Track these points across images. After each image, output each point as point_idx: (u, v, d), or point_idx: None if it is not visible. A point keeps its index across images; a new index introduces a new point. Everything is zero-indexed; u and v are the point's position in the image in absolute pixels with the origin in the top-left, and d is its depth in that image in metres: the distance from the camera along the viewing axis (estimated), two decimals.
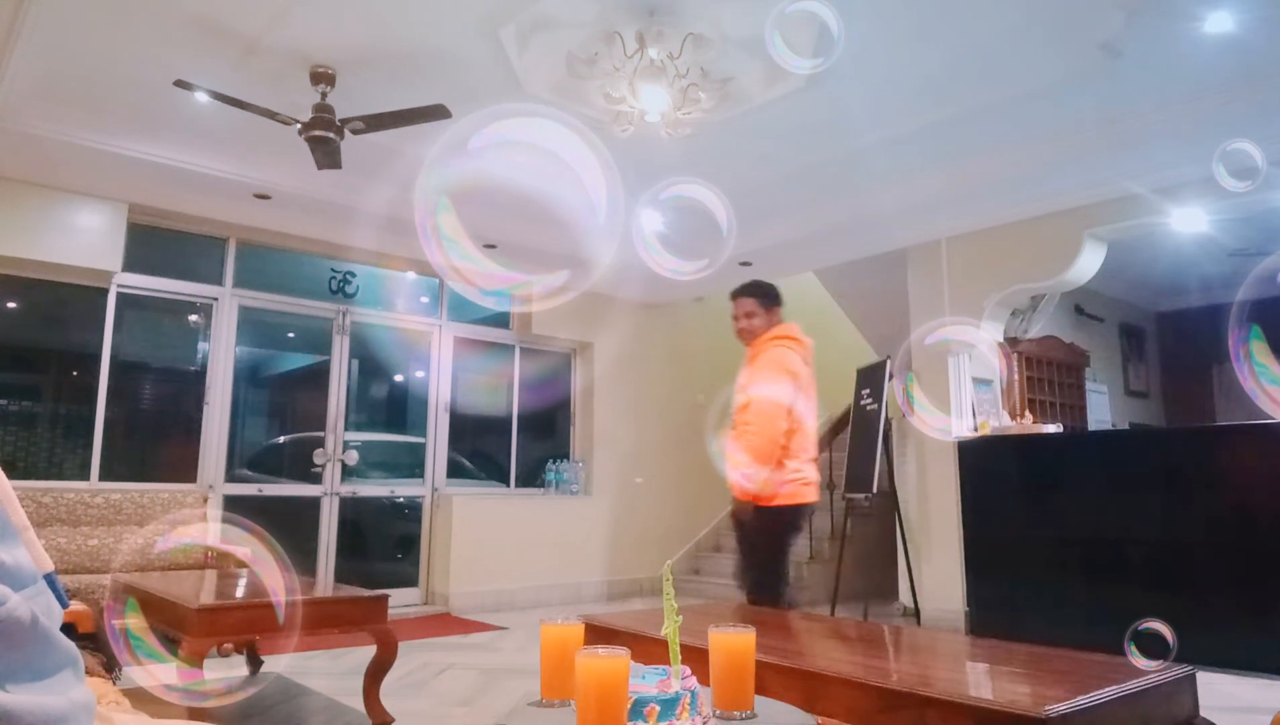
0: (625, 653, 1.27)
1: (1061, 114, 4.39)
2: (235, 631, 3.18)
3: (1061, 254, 5.44)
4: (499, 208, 5.62)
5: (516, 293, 1.81)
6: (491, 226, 5.92)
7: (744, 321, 3.47)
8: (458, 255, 1.58)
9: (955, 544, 5.59)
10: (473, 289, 1.72)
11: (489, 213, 5.69)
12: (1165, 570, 4.48)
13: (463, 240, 1.60)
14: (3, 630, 0.50)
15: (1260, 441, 4.49)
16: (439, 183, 1.61)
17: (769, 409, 3.29)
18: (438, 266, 1.71)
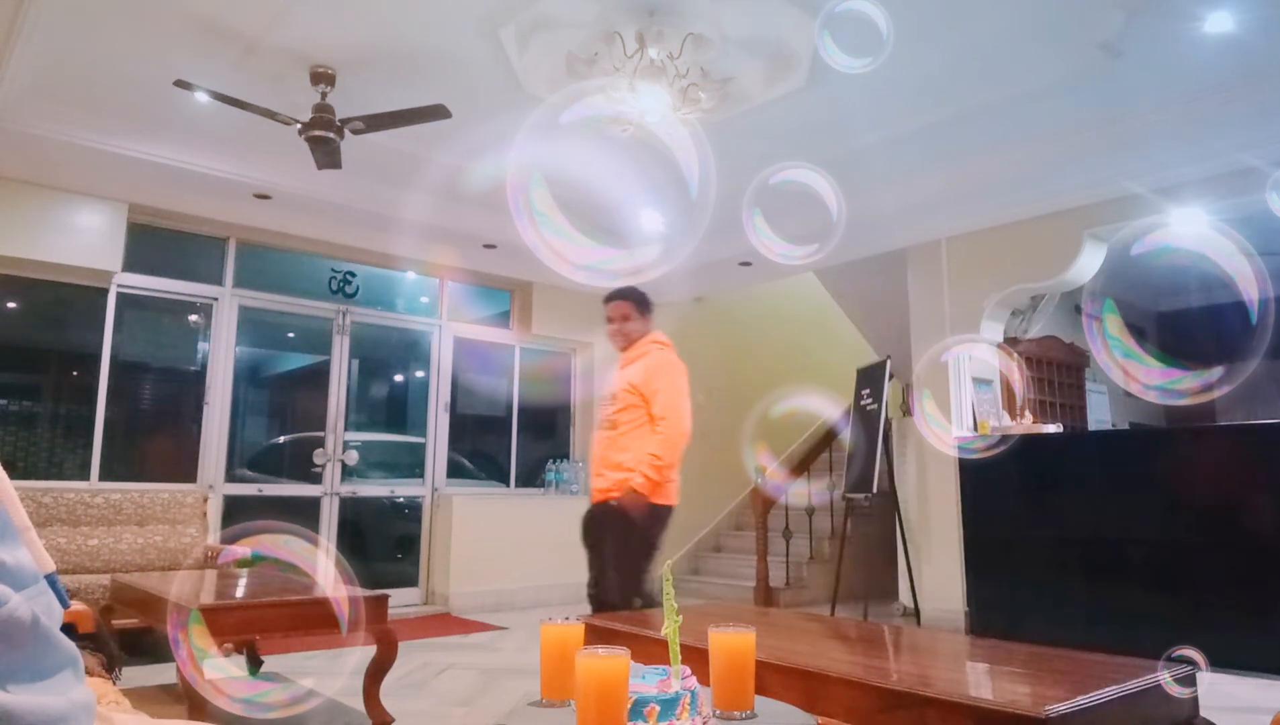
0: (625, 653, 1.27)
1: (1061, 114, 4.39)
2: (235, 631, 3.18)
3: (1061, 254, 5.44)
4: (498, 208, 5.61)
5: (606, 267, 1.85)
6: (491, 226, 5.93)
7: (620, 325, 3.48)
8: (549, 230, 1.60)
9: (955, 544, 5.59)
10: (565, 264, 1.75)
11: (489, 213, 5.69)
12: (1165, 570, 4.48)
13: (555, 215, 1.62)
14: (4, 630, 0.50)
15: (1260, 441, 4.49)
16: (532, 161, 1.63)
17: (682, 407, 3.34)
18: (529, 242, 1.73)
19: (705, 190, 1.54)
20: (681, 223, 1.52)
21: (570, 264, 1.74)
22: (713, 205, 1.56)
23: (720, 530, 8.13)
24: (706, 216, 1.43)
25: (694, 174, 1.55)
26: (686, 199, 1.46)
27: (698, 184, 1.56)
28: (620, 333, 3.48)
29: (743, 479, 7.64)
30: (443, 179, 5.20)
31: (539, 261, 6.69)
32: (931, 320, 6.03)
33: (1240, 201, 4.83)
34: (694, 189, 1.55)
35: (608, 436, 3.41)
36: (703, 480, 8.00)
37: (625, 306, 3.45)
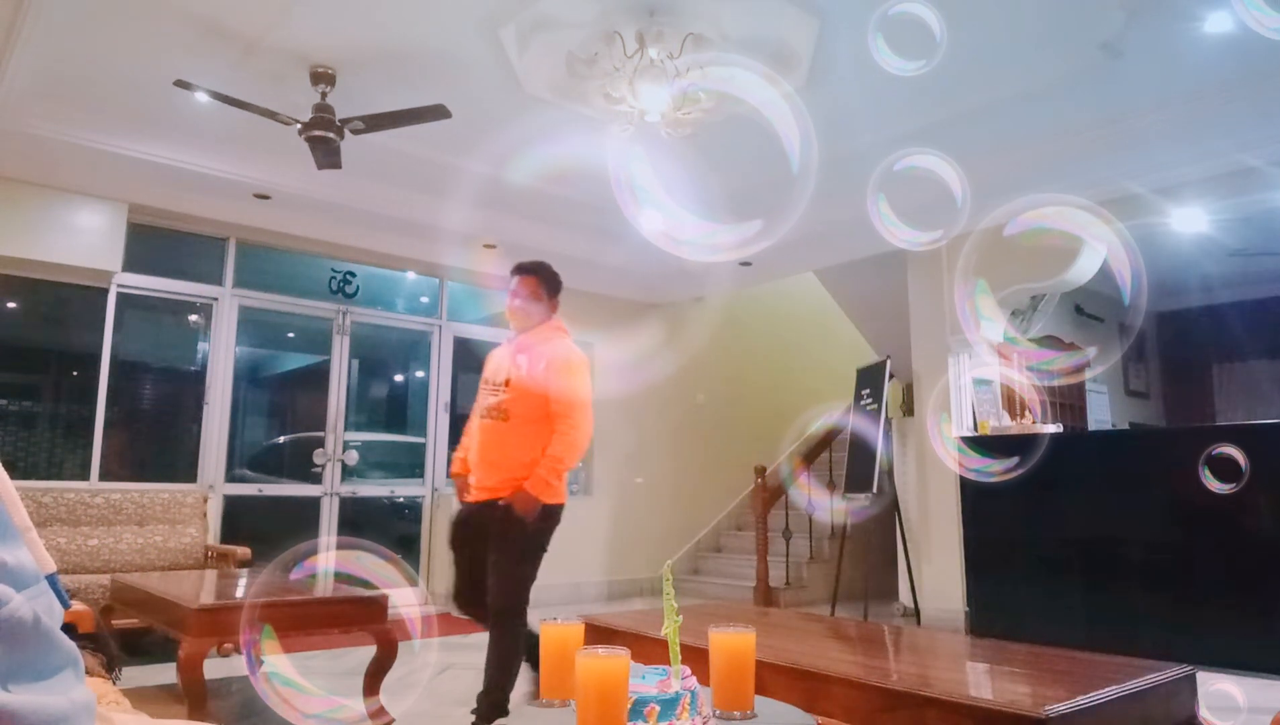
0: (625, 653, 1.27)
1: (1061, 114, 4.39)
2: (235, 631, 3.18)
3: (1061, 254, 5.44)
4: (498, 208, 5.62)
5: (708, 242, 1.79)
6: (491, 226, 5.93)
7: (525, 302, 3.11)
8: (650, 204, 1.60)
9: (955, 544, 5.59)
10: (667, 239, 1.71)
11: (489, 213, 5.70)
12: (1165, 570, 4.48)
13: (657, 191, 1.62)
14: (5, 631, 0.50)
15: (1260, 441, 4.49)
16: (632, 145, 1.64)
17: (587, 406, 3.06)
18: (631, 217, 1.70)
19: (807, 162, 1.55)
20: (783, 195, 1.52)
21: (672, 239, 1.70)
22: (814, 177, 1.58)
23: (720, 530, 8.13)
24: (808, 189, 1.44)
25: (794, 146, 1.55)
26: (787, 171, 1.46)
27: (799, 156, 1.56)
28: (523, 311, 3.11)
29: (743, 479, 7.64)
30: (442, 179, 5.20)
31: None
32: (931, 320, 6.03)
33: (1240, 201, 4.83)
34: (795, 161, 1.55)
35: (495, 427, 3.00)
36: (703, 480, 8.01)
37: (535, 284, 3.13)
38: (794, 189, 1.56)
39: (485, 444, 3.04)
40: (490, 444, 3.03)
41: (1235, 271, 7.55)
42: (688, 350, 7.93)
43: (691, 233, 1.69)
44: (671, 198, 1.67)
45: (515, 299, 3.13)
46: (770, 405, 8.46)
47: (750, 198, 4.96)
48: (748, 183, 5.04)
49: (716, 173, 4.92)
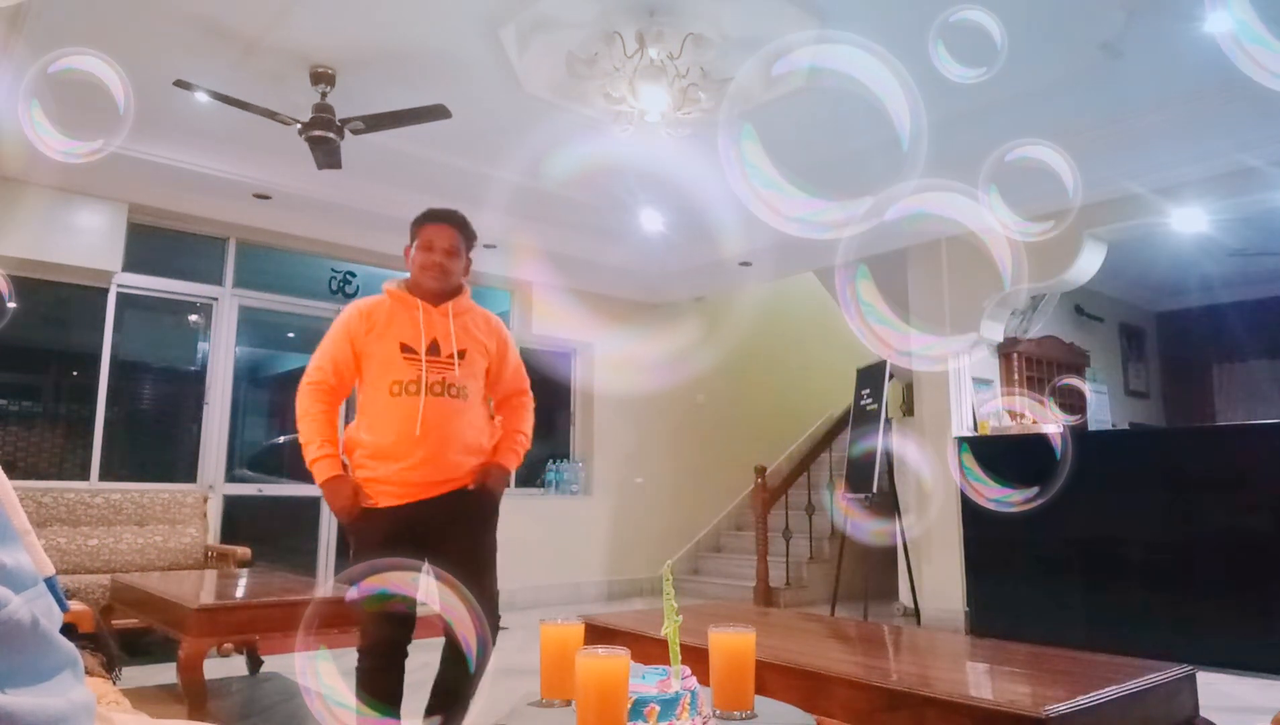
0: (625, 653, 1.27)
1: (1061, 114, 4.39)
2: (235, 631, 3.19)
3: (1061, 254, 5.44)
4: (498, 208, 5.62)
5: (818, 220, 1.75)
6: (491, 226, 5.93)
7: (446, 259, 2.62)
8: (760, 181, 1.59)
9: (955, 544, 5.59)
10: (776, 216, 1.69)
11: (490, 213, 5.70)
12: (1165, 570, 4.48)
13: (766, 167, 1.61)
14: (4, 632, 0.50)
15: (1260, 441, 4.49)
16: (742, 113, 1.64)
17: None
18: (740, 194, 1.68)
19: (916, 143, 1.56)
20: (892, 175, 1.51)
21: (782, 216, 1.67)
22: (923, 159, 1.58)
23: (720, 530, 8.13)
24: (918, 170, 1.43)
25: (905, 127, 1.56)
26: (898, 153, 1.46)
27: (909, 137, 1.57)
28: (444, 269, 2.61)
29: (743, 479, 7.63)
30: (442, 179, 5.20)
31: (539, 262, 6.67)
32: (931, 320, 6.03)
33: (1240, 201, 4.83)
34: (905, 142, 1.56)
35: (452, 406, 2.52)
36: (703, 480, 8.01)
37: (458, 238, 2.65)
38: (902, 168, 1.55)
39: (443, 426, 2.50)
40: (449, 425, 2.51)
41: (1235, 271, 7.55)
42: (688, 350, 7.93)
43: (801, 210, 1.68)
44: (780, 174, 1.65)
45: (429, 253, 2.60)
46: (770, 405, 8.46)
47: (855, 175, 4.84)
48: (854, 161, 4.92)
49: (820, 150, 4.84)
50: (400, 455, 2.46)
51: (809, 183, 1.65)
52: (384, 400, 2.51)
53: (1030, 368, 6.79)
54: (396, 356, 2.53)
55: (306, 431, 2.51)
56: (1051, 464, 3.64)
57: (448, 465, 2.51)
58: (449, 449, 2.52)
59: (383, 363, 2.54)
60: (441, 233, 2.64)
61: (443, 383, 2.55)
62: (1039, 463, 5.22)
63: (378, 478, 2.48)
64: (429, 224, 2.67)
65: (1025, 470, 5.22)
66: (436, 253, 2.61)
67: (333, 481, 2.46)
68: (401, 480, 2.47)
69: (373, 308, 2.61)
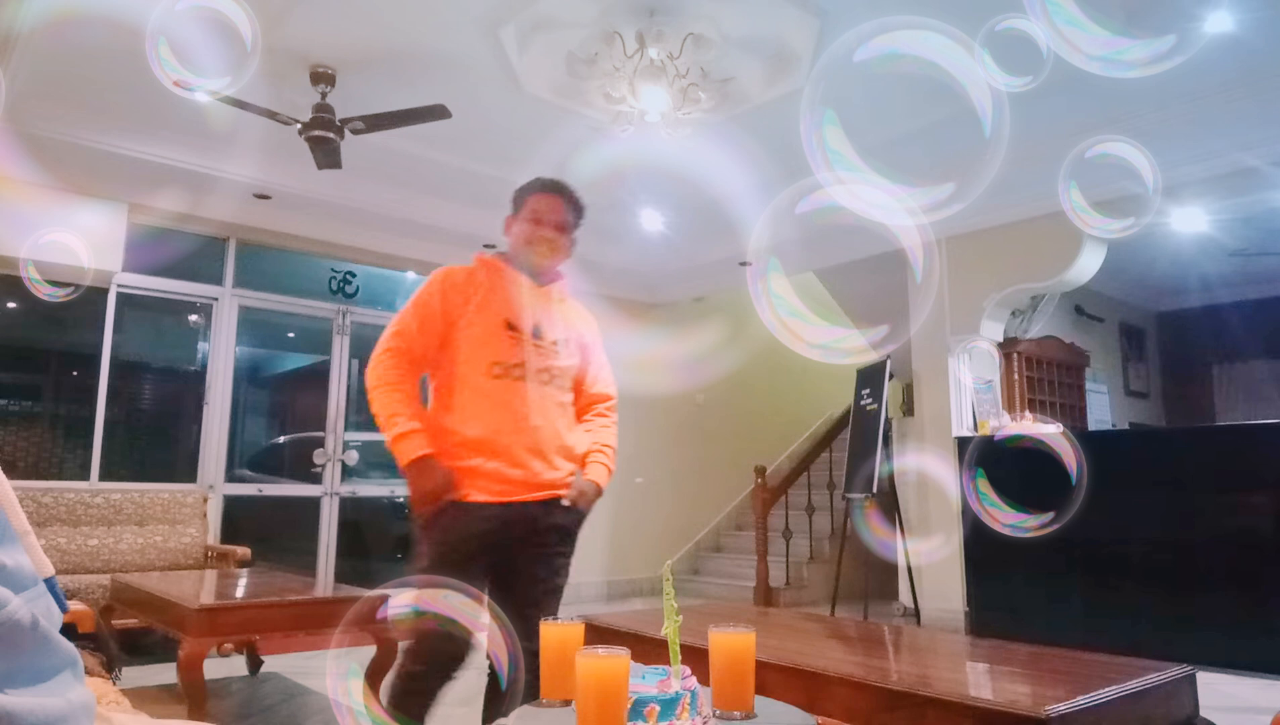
0: (625, 653, 1.27)
1: (1061, 114, 4.39)
2: (235, 631, 3.19)
3: (1061, 254, 5.44)
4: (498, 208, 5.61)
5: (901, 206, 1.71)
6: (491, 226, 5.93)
7: (559, 237, 2.32)
8: (842, 167, 1.59)
9: (955, 544, 5.59)
10: (859, 202, 1.67)
11: (490, 213, 5.70)
12: (1165, 570, 4.48)
13: (848, 153, 1.60)
14: (4, 633, 0.50)
15: (1260, 441, 4.49)
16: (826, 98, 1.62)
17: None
18: (823, 180, 1.66)
19: (999, 128, 1.54)
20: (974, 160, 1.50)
21: (864, 202, 1.64)
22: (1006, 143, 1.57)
23: (720, 530, 8.13)
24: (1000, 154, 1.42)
25: (987, 112, 1.55)
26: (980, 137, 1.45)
27: (991, 122, 1.56)
28: (554, 245, 2.31)
29: (743, 479, 7.63)
30: (442, 179, 5.20)
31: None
32: (932, 320, 6.03)
33: (1240, 201, 4.83)
34: (988, 127, 1.54)
35: (555, 399, 2.26)
36: (703, 480, 8.01)
37: (569, 213, 2.36)
38: (985, 153, 1.54)
39: (547, 419, 2.20)
40: (553, 420, 2.22)
41: (1235, 271, 7.55)
42: (688, 350, 7.93)
43: (884, 196, 1.67)
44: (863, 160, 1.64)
45: (540, 227, 2.29)
46: (770, 405, 8.46)
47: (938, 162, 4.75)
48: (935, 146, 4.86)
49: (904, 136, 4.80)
50: (500, 447, 2.13)
51: (889, 167, 1.63)
52: (483, 382, 2.15)
53: (1030, 368, 6.80)
54: (500, 333, 2.19)
55: (387, 404, 2.11)
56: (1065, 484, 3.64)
57: (548, 466, 2.21)
58: (551, 448, 2.21)
59: (481, 338, 2.18)
60: (553, 205, 2.33)
61: (548, 371, 2.25)
62: (1039, 463, 5.22)
63: (472, 468, 2.11)
64: (539, 194, 2.34)
65: (1025, 471, 5.22)
66: (546, 226, 2.29)
67: (422, 462, 2.06)
68: (500, 476, 2.13)
69: (471, 275, 2.26)
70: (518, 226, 2.32)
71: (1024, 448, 5.23)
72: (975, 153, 1.55)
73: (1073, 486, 2.40)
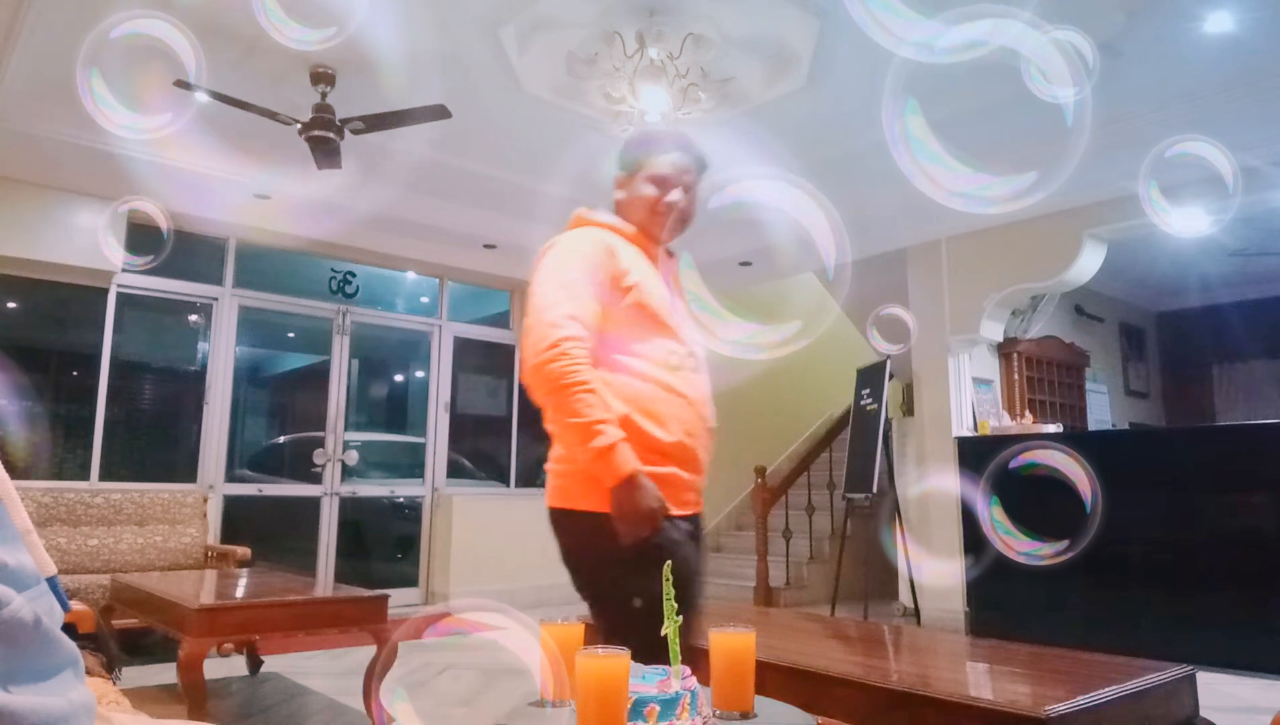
0: (625, 653, 1.27)
1: (1061, 114, 4.38)
2: (235, 631, 3.19)
3: (1061, 254, 5.44)
4: (498, 208, 5.62)
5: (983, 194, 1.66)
6: (491, 226, 5.94)
7: (687, 198, 1.94)
8: (925, 156, 1.57)
9: (955, 544, 5.59)
10: (940, 190, 1.63)
11: (489, 213, 5.70)
12: (1165, 570, 4.48)
13: (931, 142, 1.58)
14: (6, 632, 0.50)
15: (1260, 441, 4.49)
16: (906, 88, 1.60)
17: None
18: (905, 168, 1.61)
19: (1081, 117, 1.54)
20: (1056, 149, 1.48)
21: (945, 190, 1.59)
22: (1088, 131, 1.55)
23: (720, 530, 8.13)
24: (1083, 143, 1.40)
25: (1069, 101, 1.55)
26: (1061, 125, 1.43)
27: (1074, 111, 1.56)
28: (684, 214, 1.95)
29: (743, 479, 7.63)
30: (442, 179, 5.20)
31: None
32: (932, 320, 6.03)
33: (1241, 202, 4.83)
34: (1070, 116, 1.54)
35: (707, 402, 1.89)
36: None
37: (696, 174, 1.97)
38: (1068, 142, 1.53)
39: (706, 415, 1.88)
40: (708, 416, 1.89)
41: (1235, 271, 7.55)
42: None
43: (965, 185, 1.65)
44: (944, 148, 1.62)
45: (667, 190, 1.91)
46: (770, 405, 8.46)
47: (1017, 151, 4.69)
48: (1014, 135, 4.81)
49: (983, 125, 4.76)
50: (690, 453, 1.81)
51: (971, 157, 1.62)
52: (662, 374, 1.79)
53: (1030, 368, 6.79)
54: (668, 315, 1.85)
55: (585, 406, 1.69)
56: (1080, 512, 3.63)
57: (702, 472, 1.88)
58: (706, 450, 1.88)
59: (653, 321, 1.81)
60: (680, 166, 1.93)
61: (700, 359, 1.89)
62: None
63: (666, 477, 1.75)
64: (664, 153, 1.93)
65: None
66: (674, 190, 1.91)
67: (637, 478, 1.67)
68: (693, 484, 1.82)
69: (617, 244, 1.85)
70: (635, 188, 1.93)
71: (1039, 475, 5.24)
72: (1058, 140, 1.55)
73: (1088, 514, 2.39)
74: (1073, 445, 5.23)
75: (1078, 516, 2.72)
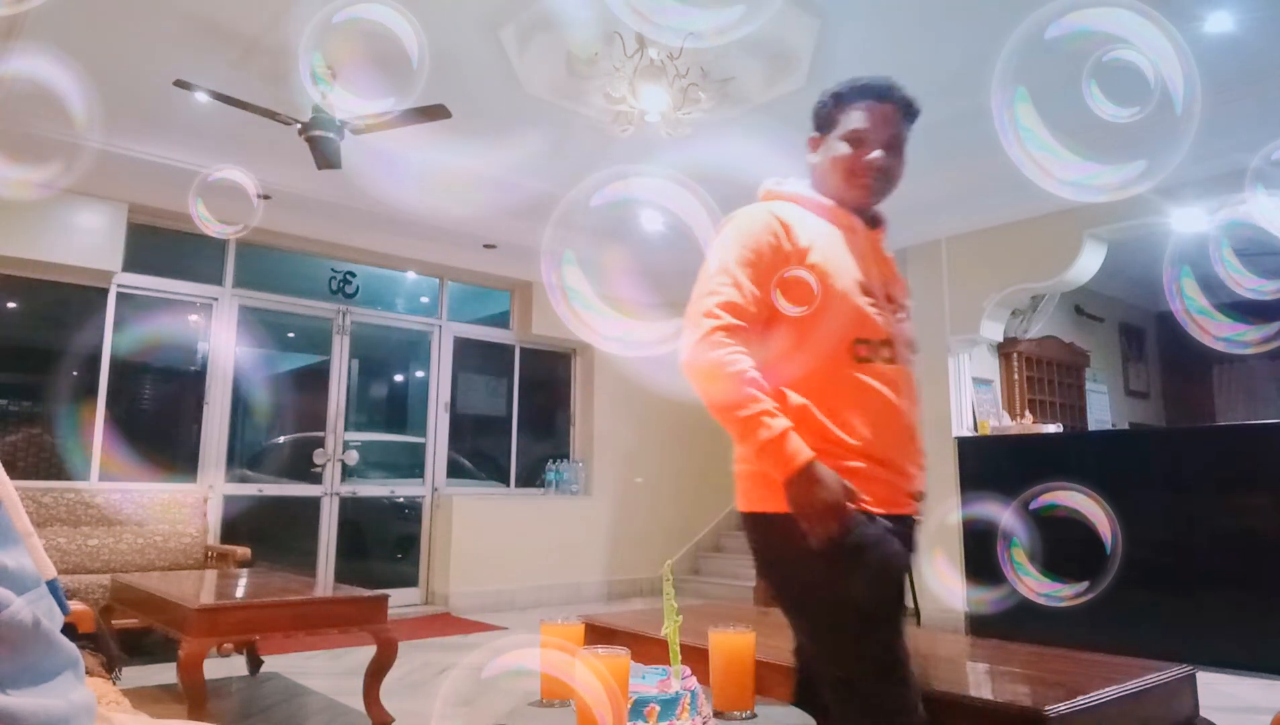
0: (625, 653, 1.27)
1: (1061, 114, 4.39)
2: (235, 631, 3.18)
3: (1061, 254, 5.44)
4: (498, 208, 5.62)
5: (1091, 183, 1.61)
6: (491, 226, 5.94)
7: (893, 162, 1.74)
8: (1034, 145, 1.57)
9: (955, 544, 5.59)
10: (1050, 178, 1.60)
11: (489, 213, 5.70)
12: (1165, 570, 4.48)
13: (1041, 131, 1.58)
14: (5, 634, 0.50)
15: (1260, 441, 4.49)
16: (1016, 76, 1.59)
17: None
18: (1014, 157, 1.59)
19: (1190, 104, 1.53)
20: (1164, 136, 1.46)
21: (1056, 179, 1.53)
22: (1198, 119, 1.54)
23: (720, 530, 8.13)
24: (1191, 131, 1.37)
25: (1179, 89, 1.54)
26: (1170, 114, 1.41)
27: (1183, 99, 1.55)
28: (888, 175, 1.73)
29: None
30: (442, 179, 5.20)
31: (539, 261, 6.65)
32: (931, 320, 6.03)
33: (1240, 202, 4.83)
34: (1179, 104, 1.53)
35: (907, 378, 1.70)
36: (703, 480, 8.01)
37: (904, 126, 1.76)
38: (1177, 129, 1.52)
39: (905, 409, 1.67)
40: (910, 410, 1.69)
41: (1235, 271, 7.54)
42: None
43: (1075, 173, 1.64)
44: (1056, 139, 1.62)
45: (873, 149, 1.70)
46: None
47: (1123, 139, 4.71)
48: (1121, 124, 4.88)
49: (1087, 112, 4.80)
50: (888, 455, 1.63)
51: (1080, 145, 1.61)
52: (845, 368, 1.59)
53: (1030, 368, 6.80)
54: (858, 299, 1.61)
55: (744, 396, 1.50)
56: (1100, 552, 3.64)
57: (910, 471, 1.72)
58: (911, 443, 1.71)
59: (836, 307, 1.59)
60: (882, 118, 1.69)
61: (911, 346, 1.71)
62: (1039, 463, 5.23)
63: (855, 471, 1.57)
64: (861, 102, 1.70)
65: (1026, 472, 5.23)
66: (874, 147, 1.67)
67: (814, 467, 1.48)
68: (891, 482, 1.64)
69: (797, 219, 1.65)
70: (828, 148, 1.73)
71: (1058, 517, 5.25)
72: (1164, 130, 1.53)
73: (1108, 555, 2.39)
74: (1075, 450, 5.26)
75: (1097, 555, 2.73)
